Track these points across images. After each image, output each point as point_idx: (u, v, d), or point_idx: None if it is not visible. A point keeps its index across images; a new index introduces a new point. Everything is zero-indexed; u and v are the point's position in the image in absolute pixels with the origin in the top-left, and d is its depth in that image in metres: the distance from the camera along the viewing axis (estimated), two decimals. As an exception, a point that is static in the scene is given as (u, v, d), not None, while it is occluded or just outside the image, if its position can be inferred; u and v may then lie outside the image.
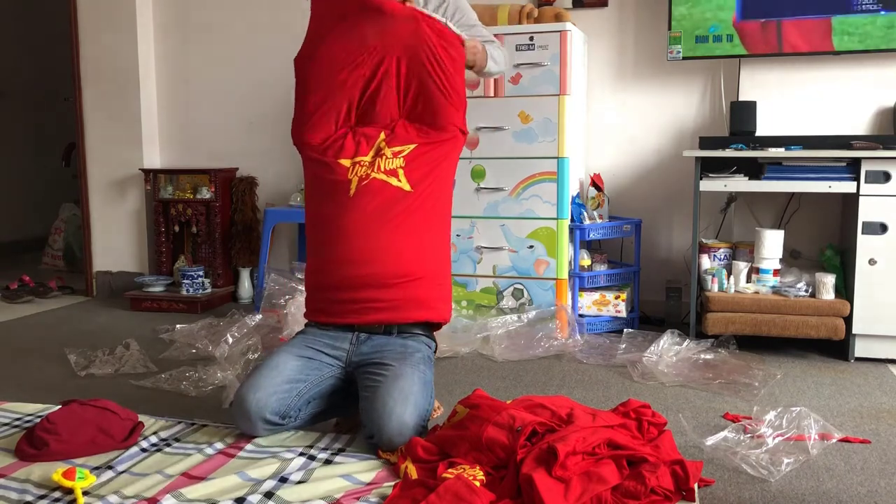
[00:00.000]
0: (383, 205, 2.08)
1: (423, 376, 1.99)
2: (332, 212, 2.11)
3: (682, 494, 1.67)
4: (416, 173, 2.12)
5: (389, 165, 2.11)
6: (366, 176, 2.10)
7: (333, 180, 2.12)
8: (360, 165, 2.12)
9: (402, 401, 1.88)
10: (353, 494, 1.66)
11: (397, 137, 2.14)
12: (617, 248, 3.68)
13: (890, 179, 2.85)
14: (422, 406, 1.92)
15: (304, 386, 2.00)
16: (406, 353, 2.04)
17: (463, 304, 3.42)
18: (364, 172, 2.10)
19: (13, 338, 3.42)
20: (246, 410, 1.92)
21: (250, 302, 4.10)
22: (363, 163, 2.12)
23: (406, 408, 1.87)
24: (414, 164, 2.12)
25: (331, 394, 2.06)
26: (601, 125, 3.69)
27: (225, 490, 1.69)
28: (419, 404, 1.91)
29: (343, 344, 2.08)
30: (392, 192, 2.09)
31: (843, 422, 2.28)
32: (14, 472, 1.80)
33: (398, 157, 2.12)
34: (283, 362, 2.00)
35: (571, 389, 2.61)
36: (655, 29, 3.54)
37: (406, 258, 2.09)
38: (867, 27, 3.10)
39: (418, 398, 1.92)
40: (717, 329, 3.00)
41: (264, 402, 1.92)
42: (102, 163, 4.31)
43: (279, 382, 1.96)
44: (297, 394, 1.98)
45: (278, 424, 1.97)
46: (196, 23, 4.24)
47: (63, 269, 5.10)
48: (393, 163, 2.11)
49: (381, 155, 2.12)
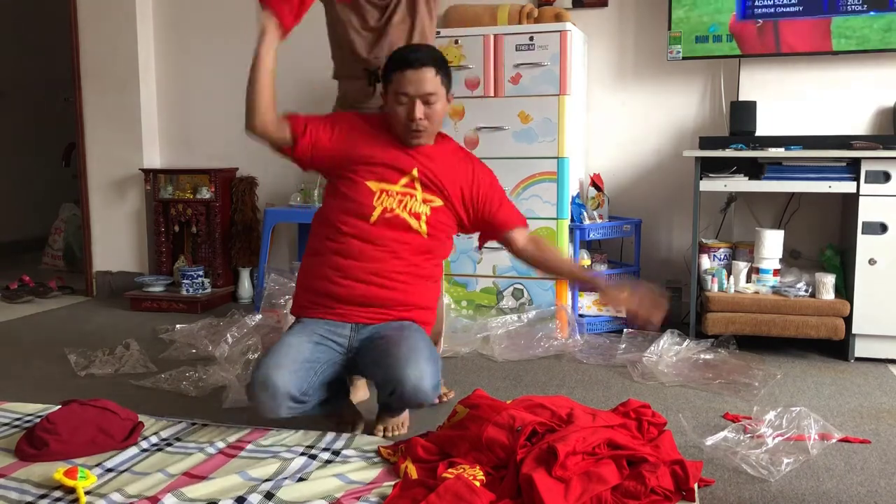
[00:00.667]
0: (399, 239, 2.11)
1: (427, 340, 2.08)
2: (348, 229, 2.10)
3: (682, 494, 1.67)
4: (434, 224, 2.15)
5: (416, 208, 2.12)
6: (391, 210, 2.10)
7: (357, 201, 2.11)
8: (388, 196, 2.11)
9: (416, 350, 1.96)
10: (353, 494, 1.66)
11: (432, 187, 2.14)
12: (617, 248, 3.68)
13: (890, 179, 2.85)
14: (434, 359, 2.00)
15: (319, 366, 2.01)
16: (405, 325, 2.12)
17: (463, 304, 3.42)
18: (390, 206, 2.10)
19: (13, 338, 3.42)
20: (272, 387, 1.89)
21: (250, 302, 4.10)
22: (391, 193, 2.11)
23: (420, 355, 1.95)
24: (436, 217, 2.15)
25: (334, 381, 2.09)
26: (601, 125, 3.69)
27: (226, 490, 1.69)
28: (432, 357, 1.99)
29: (344, 331, 2.09)
30: (410, 232, 2.12)
31: (843, 422, 2.28)
32: (14, 472, 1.80)
33: (427, 204, 2.14)
34: (297, 343, 2.01)
35: (571, 389, 2.61)
36: (655, 29, 3.54)
37: (410, 290, 2.13)
38: (864, 30, 3.11)
39: (429, 353, 2.00)
40: (717, 329, 3.00)
41: (289, 378, 1.91)
42: (102, 163, 4.31)
43: (299, 361, 1.96)
44: (314, 373, 1.99)
45: (301, 402, 1.95)
46: (196, 23, 4.24)
47: (63, 269, 5.10)
48: (420, 207, 2.13)
49: (411, 195, 2.12)
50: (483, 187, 2.20)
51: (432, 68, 2.07)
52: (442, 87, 2.10)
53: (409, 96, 2.06)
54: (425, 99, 2.07)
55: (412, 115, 2.06)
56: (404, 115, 2.08)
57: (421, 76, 2.05)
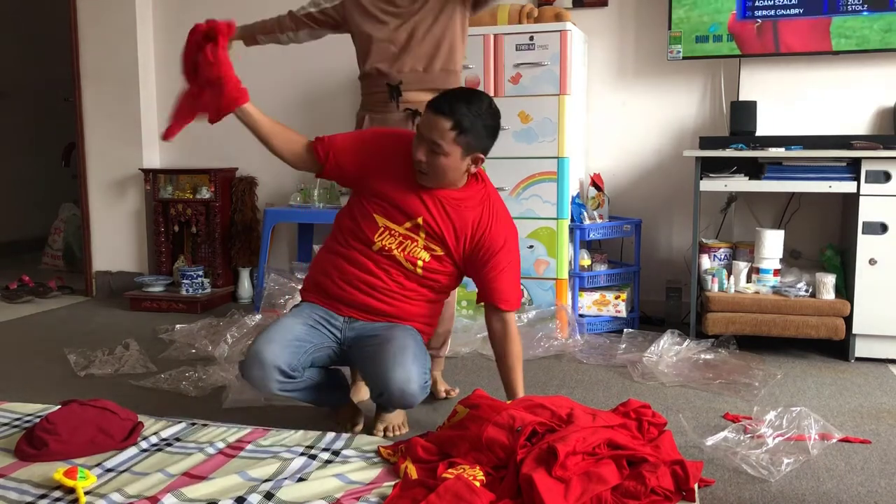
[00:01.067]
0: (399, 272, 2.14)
1: (416, 337, 2.11)
2: (356, 245, 2.16)
3: (682, 494, 1.67)
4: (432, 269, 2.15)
5: (416, 253, 2.13)
6: (388, 249, 2.12)
7: (362, 229, 2.14)
8: (391, 235, 2.12)
9: (402, 352, 2.00)
10: (353, 494, 1.66)
11: (435, 238, 2.12)
12: (617, 248, 3.68)
13: (890, 179, 2.85)
14: (421, 358, 2.04)
15: (310, 346, 2.09)
16: (396, 325, 2.15)
17: (463, 304, 3.42)
18: (389, 244, 2.12)
19: (13, 338, 3.42)
20: (262, 360, 1.99)
21: (250, 302, 4.10)
22: (394, 233, 2.12)
23: (406, 357, 1.99)
24: (435, 264, 2.15)
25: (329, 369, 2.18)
26: (601, 125, 3.69)
27: (226, 490, 1.68)
28: (419, 356, 2.03)
29: (336, 321, 2.17)
30: (406, 271, 2.14)
31: (843, 422, 2.28)
32: (14, 472, 1.80)
33: (427, 252, 2.13)
34: (291, 324, 2.10)
35: (571, 389, 2.61)
36: (655, 29, 3.54)
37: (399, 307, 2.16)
38: (864, 30, 3.10)
39: (416, 351, 2.03)
40: (717, 329, 2.99)
41: (279, 352, 2.01)
42: (102, 163, 4.31)
43: (290, 339, 2.05)
44: (304, 351, 2.07)
45: (290, 377, 2.04)
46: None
47: (63, 269, 5.10)
48: (420, 253, 2.13)
49: (413, 240, 2.12)
50: (486, 244, 2.12)
51: (450, 121, 1.99)
52: (455, 145, 2.01)
53: (421, 136, 2.05)
54: (430, 147, 2.02)
55: (415, 155, 2.05)
56: (413, 149, 2.07)
57: (435, 123, 2.01)
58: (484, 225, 2.13)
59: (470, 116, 2.01)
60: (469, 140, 2.02)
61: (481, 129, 2.04)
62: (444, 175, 2.07)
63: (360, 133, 2.32)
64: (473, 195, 2.15)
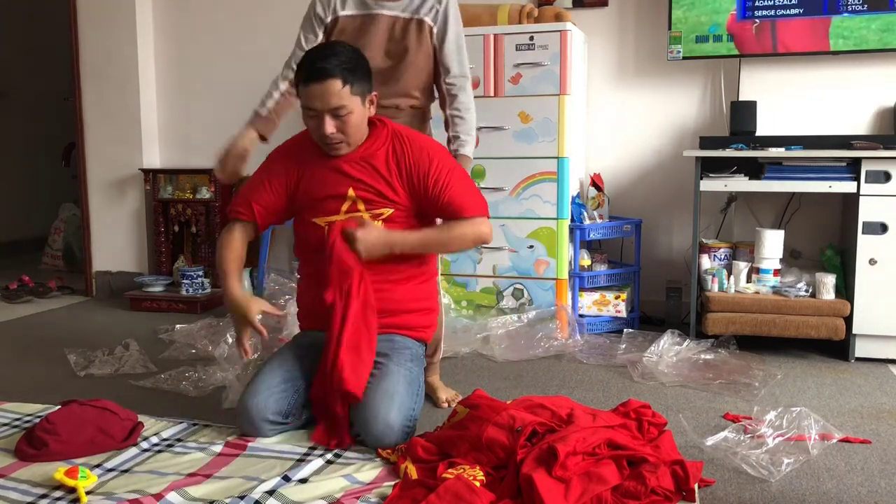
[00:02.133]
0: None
1: (408, 374, 2.03)
2: (315, 257, 2.11)
3: (682, 494, 1.67)
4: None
5: None
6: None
7: (310, 240, 2.12)
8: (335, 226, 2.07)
9: (388, 401, 1.93)
10: (353, 494, 1.66)
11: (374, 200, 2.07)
12: (617, 248, 3.68)
13: (890, 179, 2.85)
14: (407, 406, 1.97)
15: (303, 383, 2.04)
16: (394, 349, 2.08)
17: (463, 304, 3.42)
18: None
19: (13, 338, 3.42)
20: (248, 416, 1.97)
21: (250, 302, 4.09)
22: (338, 223, 2.06)
23: (391, 409, 1.92)
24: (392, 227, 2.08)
25: None
26: (601, 125, 3.69)
27: (227, 489, 1.69)
28: (404, 404, 1.96)
29: None
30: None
31: (843, 422, 2.28)
32: (14, 472, 1.80)
33: (377, 220, 2.07)
34: (279, 364, 2.07)
35: (571, 389, 2.61)
36: (655, 29, 3.54)
37: (390, 298, 2.11)
38: (863, 30, 3.10)
39: (403, 398, 1.96)
40: (717, 329, 2.99)
41: (263, 404, 1.97)
42: (102, 163, 4.31)
43: (276, 384, 2.00)
44: (295, 391, 2.02)
45: (282, 423, 2.00)
46: (196, 23, 4.23)
47: (63, 269, 5.10)
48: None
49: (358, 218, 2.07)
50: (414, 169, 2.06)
51: (338, 80, 1.92)
52: (354, 97, 1.96)
53: (315, 111, 1.97)
54: (334, 113, 1.96)
55: (321, 131, 1.98)
56: (315, 129, 2.01)
57: (326, 89, 1.92)
58: (400, 153, 2.06)
59: (347, 65, 1.95)
60: (360, 86, 1.98)
61: (360, 70, 1.99)
62: (356, 132, 2.02)
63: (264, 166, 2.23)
64: (379, 136, 2.09)
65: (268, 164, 2.20)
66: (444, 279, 3.42)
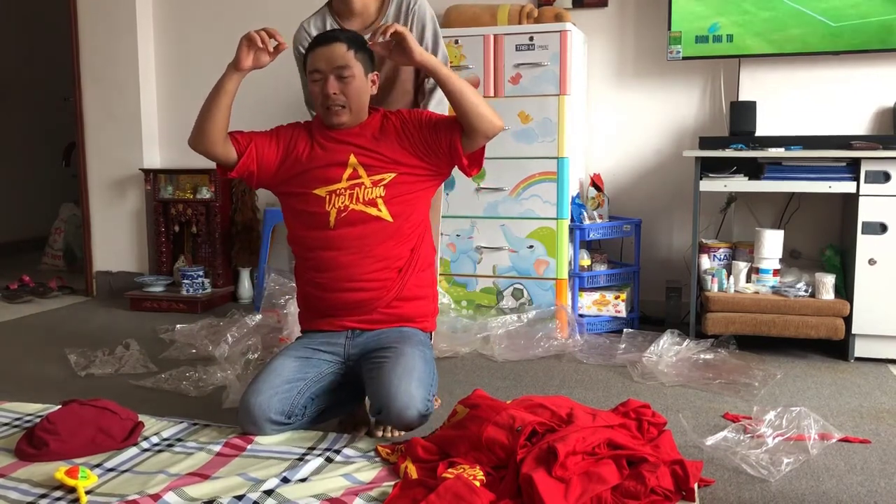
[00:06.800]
0: (365, 235, 2.08)
1: (423, 354, 2.05)
2: (314, 242, 2.11)
3: (682, 494, 1.67)
4: (395, 202, 2.09)
5: (368, 195, 2.07)
6: (344, 208, 2.07)
7: (311, 212, 2.10)
8: (337, 195, 2.07)
9: (407, 375, 1.93)
10: (352, 493, 1.66)
11: (376, 164, 2.08)
12: (617, 248, 3.68)
13: (890, 179, 2.85)
14: (426, 380, 1.98)
15: (304, 384, 2.03)
16: (403, 337, 2.10)
17: (463, 304, 3.42)
18: (342, 204, 2.07)
19: (13, 338, 3.42)
20: (251, 415, 1.96)
21: (250, 302, 4.10)
22: (339, 191, 2.07)
23: (412, 381, 1.92)
24: (394, 193, 2.09)
25: (334, 390, 2.09)
26: (601, 125, 3.69)
27: (226, 489, 1.69)
28: (424, 378, 1.97)
29: (339, 339, 2.12)
30: (372, 223, 2.08)
31: (843, 422, 2.28)
32: (14, 472, 1.80)
33: (378, 185, 2.08)
34: (281, 365, 2.05)
35: (571, 389, 2.61)
36: (655, 29, 3.54)
37: (390, 285, 2.11)
38: (863, 30, 3.10)
39: (422, 373, 1.97)
40: (717, 329, 3.00)
41: (266, 403, 1.96)
42: (102, 163, 4.31)
43: (279, 384, 2.00)
44: (297, 392, 2.01)
45: (285, 423, 2.00)
46: (196, 23, 4.23)
47: (63, 269, 5.10)
48: (372, 192, 2.07)
49: (359, 184, 2.08)
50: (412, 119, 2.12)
51: (344, 44, 2.03)
52: (357, 62, 2.04)
53: (321, 72, 2.04)
54: (338, 73, 2.03)
55: (325, 90, 2.03)
56: (319, 92, 2.06)
57: (331, 51, 2.03)
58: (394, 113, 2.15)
59: (353, 37, 2.07)
60: (363, 57, 2.07)
61: (365, 48, 2.08)
62: (358, 99, 2.07)
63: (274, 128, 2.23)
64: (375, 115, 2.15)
65: (275, 128, 2.23)
66: (444, 279, 3.42)
